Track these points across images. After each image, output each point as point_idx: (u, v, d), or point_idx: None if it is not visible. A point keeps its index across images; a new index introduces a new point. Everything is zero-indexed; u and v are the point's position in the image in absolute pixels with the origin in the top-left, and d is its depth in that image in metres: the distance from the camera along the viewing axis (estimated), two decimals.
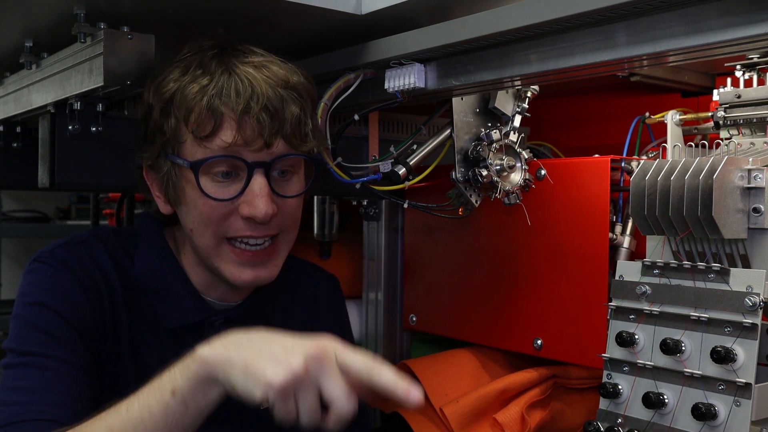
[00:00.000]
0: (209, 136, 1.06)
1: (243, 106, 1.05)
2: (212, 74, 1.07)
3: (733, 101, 1.32)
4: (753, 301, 0.98)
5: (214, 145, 1.07)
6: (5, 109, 1.54)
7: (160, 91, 1.10)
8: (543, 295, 1.45)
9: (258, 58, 1.11)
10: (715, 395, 1.00)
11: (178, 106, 1.07)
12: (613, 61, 1.00)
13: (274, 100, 1.07)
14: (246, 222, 1.10)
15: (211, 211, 1.10)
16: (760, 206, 1.04)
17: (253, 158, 1.08)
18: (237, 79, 1.06)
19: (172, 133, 1.09)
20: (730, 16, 0.87)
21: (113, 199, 2.81)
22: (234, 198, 1.09)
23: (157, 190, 1.17)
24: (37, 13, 1.22)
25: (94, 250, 1.17)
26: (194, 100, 1.06)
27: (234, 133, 1.06)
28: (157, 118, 1.10)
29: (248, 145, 1.07)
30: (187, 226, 1.14)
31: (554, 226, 1.42)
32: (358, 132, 1.55)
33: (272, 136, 1.07)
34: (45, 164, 1.35)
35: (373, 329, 1.80)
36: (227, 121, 1.06)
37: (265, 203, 1.08)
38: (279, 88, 1.08)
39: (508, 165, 1.35)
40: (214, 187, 1.09)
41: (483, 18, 1.06)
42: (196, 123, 1.06)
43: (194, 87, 1.06)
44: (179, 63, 1.11)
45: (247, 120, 1.06)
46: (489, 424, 1.43)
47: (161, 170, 1.14)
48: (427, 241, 1.70)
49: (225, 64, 1.09)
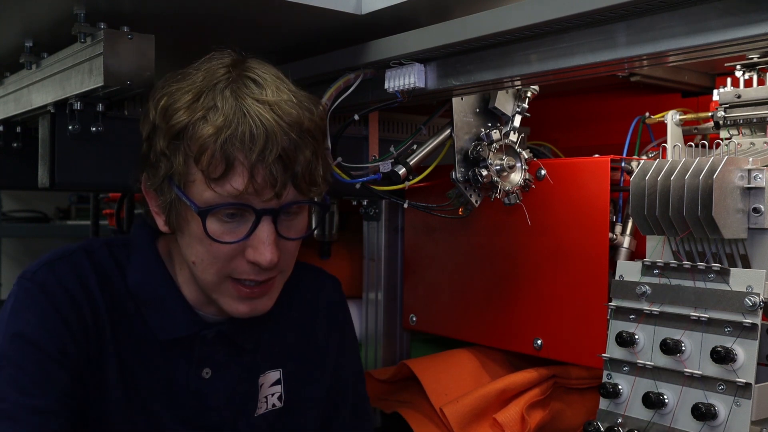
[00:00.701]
0: (220, 179, 1.03)
1: (257, 154, 1.02)
2: (226, 113, 1.03)
3: (733, 101, 1.32)
4: (753, 301, 0.98)
5: (224, 191, 1.04)
6: (5, 109, 1.54)
7: (169, 118, 1.06)
8: (543, 295, 1.45)
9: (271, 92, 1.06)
10: (715, 395, 1.00)
11: (188, 144, 1.04)
12: (613, 61, 1.00)
13: (288, 149, 1.04)
14: (250, 265, 1.08)
15: (217, 252, 1.08)
16: (760, 206, 1.04)
17: (261, 206, 1.06)
18: (251, 123, 1.02)
19: (180, 168, 1.06)
20: (730, 16, 0.87)
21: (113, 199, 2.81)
22: (240, 241, 1.07)
23: (156, 208, 1.14)
24: (37, 13, 1.22)
25: (80, 267, 1.15)
26: (207, 141, 1.02)
27: (245, 181, 1.03)
28: (164, 147, 1.07)
29: (259, 194, 1.04)
30: (189, 258, 1.12)
31: (554, 226, 1.42)
32: (358, 132, 1.55)
33: (283, 186, 1.05)
34: (45, 164, 1.35)
35: (373, 329, 1.80)
36: (239, 167, 1.03)
37: (271, 251, 1.06)
38: (293, 134, 1.04)
39: (508, 165, 1.35)
40: (221, 229, 1.07)
41: (483, 18, 1.06)
42: (207, 165, 1.03)
43: (208, 128, 1.02)
44: (189, 86, 1.07)
45: (260, 169, 1.03)
46: (489, 424, 1.43)
47: (164, 196, 1.11)
48: (427, 241, 1.70)
49: (238, 98, 1.04)
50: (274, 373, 1.25)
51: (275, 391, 1.25)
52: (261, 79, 1.07)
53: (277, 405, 1.25)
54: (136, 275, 1.17)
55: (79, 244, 1.19)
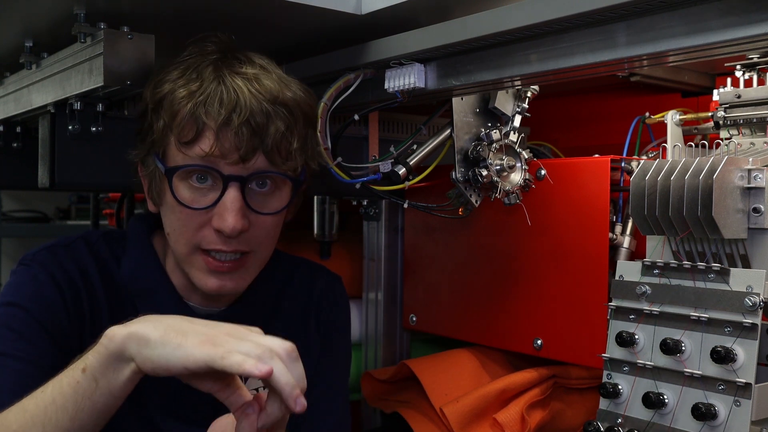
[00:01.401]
0: (189, 143, 1.06)
1: (224, 117, 1.04)
2: (203, 81, 1.07)
3: (733, 101, 1.32)
4: (753, 301, 0.98)
5: (192, 153, 1.06)
6: (5, 109, 1.54)
7: (155, 90, 1.10)
8: (543, 295, 1.45)
9: (253, 70, 1.10)
10: (715, 395, 1.00)
11: (166, 109, 1.08)
12: (613, 61, 1.00)
13: (258, 115, 1.06)
14: (217, 234, 1.09)
15: (187, 219, 1.10)
16: (760, 206, 1.04)
17: (229, 171, 1.07)
18: (224, 89, 1.06)
19: (159, 134, 1.09)
20: (730, 16, 0.87)
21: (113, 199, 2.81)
22: (206, 208, 1.09)
23: (146, 184, 1.18)
24: (37, 13, 1.22)
25: (79, 254, 1.17)
26: (180, 104, 1.06)
27: (212, 143, 1.05)
28: (149, 116, 1.11)
29: (225, 157, 1.06)
30: (166, 229, 1.15)
31: (554, 226, 1.42)
32: (358, 132, 1.55)
33: (250, 151, 1.06)
34: (45, 164, 1.35)
35: (373, 329, 1.80)
36: (207, 131, 1.06)
37: (234, 218, 1.07)
38: (266, 103, 1.07)
39: (508, 165, 1.35)
40: (190, 196, 1.09)
41: (483, 18, 1.06)
42: (179, 128, 1.06)
43: (183, 92, 1.06)
44: (179, 64, 1.11)
45: (227, 132, 1.05)
46: (489, 424, 1.43)
47: (148, 169, 1.14)
48: (427, 241, 1.70)
49: (218, 71, 1.08)
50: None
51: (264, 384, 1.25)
52: (247, 59, 1.12)
53: None
54: (129, 266, 1.19)
55: (78, 234, 1.21)
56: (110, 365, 0.88)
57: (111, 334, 0.88)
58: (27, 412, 0.90)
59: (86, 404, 0.88)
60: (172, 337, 0.85)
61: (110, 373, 0.88)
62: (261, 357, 0.84)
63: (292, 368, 0.87)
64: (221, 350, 0.84)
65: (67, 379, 0.89)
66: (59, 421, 0.88)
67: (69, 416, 0.88)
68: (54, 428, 0.88)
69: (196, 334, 0.86)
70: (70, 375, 0.90)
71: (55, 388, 0.90)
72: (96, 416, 0.90)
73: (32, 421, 0.89)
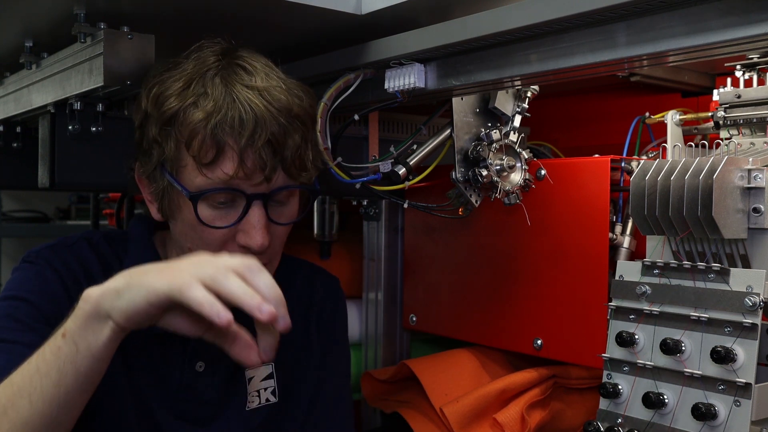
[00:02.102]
0: (210, 164, 1.05)
1: (246, 138, 1.03)
2: (216, 99, 1.05)
3: (733, 101, 1.32)
4: (753, 301, 0.98)
5: (215, 176, 1.06)
6: (5, 109, 1.54)
7: (161, 105, 1.08)
8: (543, 295, 1.45)
9: (261, 79, 1.08)
10: (715, 395, 1.00)
11: (179, 129, 1.06)
12: (613, 61, 1.00)
13: (278, 134, 1.06)
14: (242, 249, 1.10)
15: (210, 237, 1.10)
16: (760, 206, 1.04)
17: (252, 191, 1.07)
18: (240, 107, 1.04)
19: (171, 154, 1.08)
20: (730, 16, 0.87)
21: (113, 199, 2.81)
22: (231, 225, 1.09)
23: (150, 196, 1.16)
24: (37, 13, 1.22)
25: (82, 253, 1.17)
26: (198, 126, 1.04)
27: (235, 166, 1.04)
28: (156, 134, 1.09)
29: (249, 178, 1.06)
30: (184, 244, 1.14)
31: (554, 226, 1.42)
32: (358, 132, 1.55)
33: (273, 170, 1.06)
34: (45, 164, 1.35)
35: (373, 329, 1.80)
36: (230, 152, 1.05)
37: (261, 236, 1.08)
38: (282, 118, 1.06)
39: (508, 165, 1.35)
40: (212, 215, 1.09)
41: (483, 18, 1.06)
42: (198, 150, 1.05)
43: (198, 114, 1.04)
44: (180, 74, 1.09)
45: (250, 153, 1.05)
46: (489, 424, 1.43)
47: (157, 183, 1.13)
48: (427, 241, 1.70)
49: (227, 86, 1.06)
50: (266, 367, 1.26)
51: (268, 386, 1.25)
52: (251, 67, 1.10)
53: (271, 400, 1.25)
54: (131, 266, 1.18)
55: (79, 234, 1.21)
56: (89, 326, 0.88)
57: (86, 296, 0.89)
58: (14, 384, 0.90)
59: (69, 369, 0.89)
60: (136, 279, 0.87)
61: (90, 334, 0.88)
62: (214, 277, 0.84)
63: (255, 280, 0.87)
64: (180, 280, 0.84)
65: (49, 347, 0.90)
66: (44, 388, 0.88)
67: (53, 382, 0.88)
68: (40, 396, 0.88)
69: (157, 270, 0.87)
70: (51, 343, 0.90)
71: (39, 357, 0.90)
72: (81, 381, 0.90)
73: (19, 392, 0.89)
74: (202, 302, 0.83)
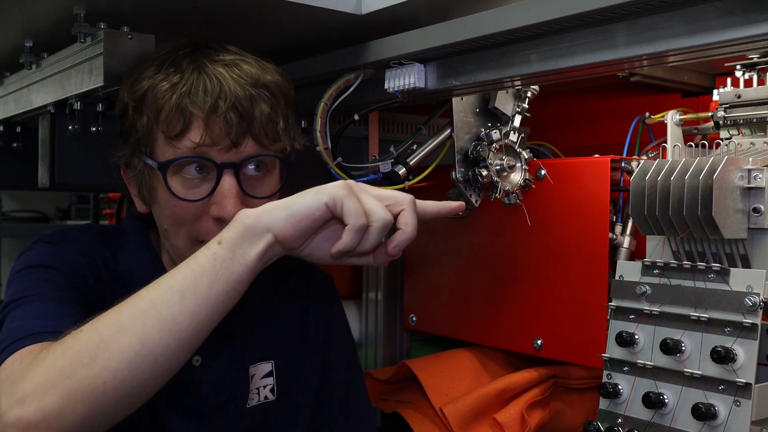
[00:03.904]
0: (178, 135, 1.06)
1: (211, 104, 1.05)
2: (183, 72, 1.07)
3: (733, 101, 1.32)
4: (753, 301, 0.98)
5: (183, 146, 1.06)
6: (5, 109, 1.54)
7: (134, 88, 1.10)
8: (543, 295, 1.45)
9: (230, 56, 1.11)
10: (715, 395, 1.00)
11: (149, 105, 1.07)
12: (613, 61, 1.00)
13: (243, 99, 1.07)
14: (216, 223, 1.09)
15: (183, 212, 1.10)
16: (760, 206, 1.04)
17: (222, 159, 1.07)
18: (206, 78, 1.06)
19: (144, 132, 1.09)
20: (730, 16, 0.87)
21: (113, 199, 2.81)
22: (203, 198, 1.09)
23: (133, 189, 1.17)
24: (37, 13, 1.22)
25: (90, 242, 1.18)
26: (164, 98, 1.06)
27: (202, 132, 1.05)
28: (131, 116, 1.10)
29: (216, 144, 1.06)
30: (162, 227, 1.14)
31: (554, 226, 1.42)
32: (358, 132, 1.55)
33: (240, 135, 1.07)
34: (45, 164, 1.35)
35: (373, 329, 1.80)
36: (196, 121, 1.06)
37: (233, 204, 1.07)
38: (249, 87, 1.08)
39: (508, 165, 1.35)
40: (185, 188, 1.09)
41: (483, 18, 1.06)
42: (165, 122, 1.06)
43: (165, 85, 1.06)
44: (154, 61, 1.11)
45: (215, 119, 1.06)
46: (489, 424, 1.43)
47: (135, 169, 1.14)
48: (427, 241, 1.70)
49: (196, 61, 1.09)
50: (266, 364, 1.25)
51: (267, 383, 1.25)
52: (222, 48, 1.12)
53: (269, 398, 1.25)
54: (126, 261, 1.19)
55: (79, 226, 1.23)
56: (246, 237, 0.93)
57: (244, 213, 0.95)
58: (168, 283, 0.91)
59: (222, 274, 0.91)
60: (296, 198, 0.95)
61: (246, 244, 0.93)
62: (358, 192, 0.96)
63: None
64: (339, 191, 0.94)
65: (203, 253, 0.93)
66: (197, 288, 0.90)
67: (208, 283, 0.90)
68: (192, 294, 0.90)
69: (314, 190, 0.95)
70: (205, 250, 0.93)
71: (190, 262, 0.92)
72: (229, 288, 0.92)
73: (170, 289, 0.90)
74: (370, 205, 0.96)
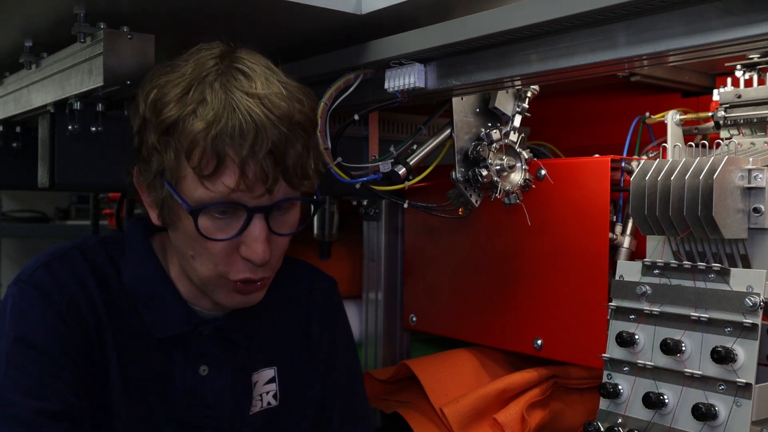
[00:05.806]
0: (211, 176, 1.02)
1: (247, 149, 1.01)
2: (215, 108, 1.02)
3: (733, 101, 1.32)
4: (753, 301, 0.98)
5: (215, 189, 1.03)
6: (5, 109, 1.54)
7: (159, 113, 1.05)
8: (543, 295, 1.45)
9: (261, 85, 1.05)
10: (715, 395, 1.00)
11: (179, 139, 1.03)
12: (613, 61, 1.00)
13: (279, 143, 1.03)
14: (245, 262, 1.08)
15: (212, 249, 1.07)
16: (761, 206, 1.04)
17: (253, 203, 1.05)
18: (240, 117, 1.01)
19: (171, 164, 1.05)
20: (730, 16, 0.87)
21: (113, 199, 2.82)
22: (232, 238, 1.06)
23: (150, 201, 1.13)
24: (37, 13, 1.22)
25: (75, 265, 1.14)
26: (198, 137, 1.01)
27: (236, 178, 1.02)
28: (155, 142, 1.06)
29: (250, 191, 1.03)
30: (186, 252, 1.11)
31: (554, 226, 1.42)
32: (358, 132, 1.55)
33: (275, 182, 1.04)
34: (45, 164, 1.35)
35: (373, 329, 1.80)
36: (230, 163, 1.02)
37: (263, 249, 1.06)
38: (283, 127, 1.03)
39: (508, 165, 1.35)
40: (213, 226, 1.06)
41: (483, 18, 1.06)
42: (198, 161, 1.02)
43: (198, 124, 1.01)
44: (178, 78, 1.06)
45: (251, 164, 1.02)
46: (489, 424, 1.43)
47: (156, 192, 1.10)
48: (427, 241, 1.70)
49: (227, 91, 1.03)
50: (269, 371, 1.25)
51: (270, 389, 1.25)
52: (250, 71, 1.06)
53: (272, 404, 1.25)
54: (130, 272, 1.17)
55: (73, 242, 1.18)
56: None
57: None
58: None
59: None
60: None
61: None
62: None
63: None
64: None
65: None
66: None
67: None
68: None
69: None
70: None
71: None
72: None
73: None
74: None
